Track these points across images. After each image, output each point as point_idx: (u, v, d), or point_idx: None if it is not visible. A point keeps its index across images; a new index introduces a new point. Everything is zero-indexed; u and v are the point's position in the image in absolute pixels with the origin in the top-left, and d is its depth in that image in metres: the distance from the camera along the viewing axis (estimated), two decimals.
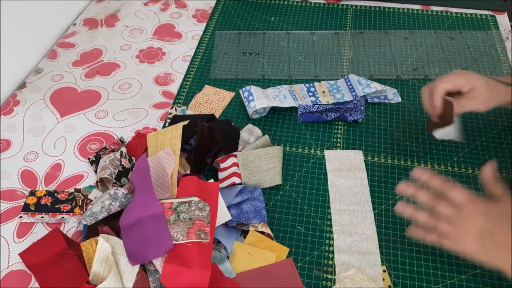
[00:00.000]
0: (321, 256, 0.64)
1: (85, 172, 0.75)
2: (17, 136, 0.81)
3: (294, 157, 0.77)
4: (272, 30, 1.02)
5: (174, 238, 0.57)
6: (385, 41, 0.98)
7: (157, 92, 0.89)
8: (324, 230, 0.67)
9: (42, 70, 0.94)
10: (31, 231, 0.68)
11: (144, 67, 0.94)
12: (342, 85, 0.86)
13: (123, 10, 1.09)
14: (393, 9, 1.07)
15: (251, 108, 0.80)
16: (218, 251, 0.63)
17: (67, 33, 1.02)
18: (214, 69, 0.93)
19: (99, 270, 0.58)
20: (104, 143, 0.79)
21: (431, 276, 0.62)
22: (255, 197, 0.67)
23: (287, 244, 0.65)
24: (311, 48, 0.97)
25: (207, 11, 1.08)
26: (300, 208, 0.70)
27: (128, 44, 1.00)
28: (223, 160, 0.71)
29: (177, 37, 1.01)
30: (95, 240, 0.59)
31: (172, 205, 0.60)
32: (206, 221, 0.59)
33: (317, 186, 0.73)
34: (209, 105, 0.85)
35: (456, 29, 1.00)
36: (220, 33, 1.01)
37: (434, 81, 0.67)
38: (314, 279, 0.62)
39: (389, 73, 0.90)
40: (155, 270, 0.58)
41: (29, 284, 0.62)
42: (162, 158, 0.67)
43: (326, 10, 1.07)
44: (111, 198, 0.63)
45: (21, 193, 0.72)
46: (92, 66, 0.94)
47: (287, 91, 0.84)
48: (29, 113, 0.85)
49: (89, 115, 0.84)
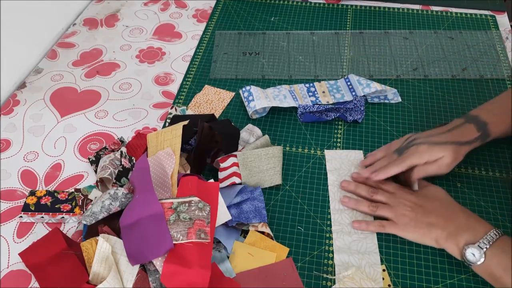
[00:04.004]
0: (321, 256, 0.64)
1: (85, 172, 0.75)
2: (17, 136, 0.81)
3: (294, 157, 0.77)
4: (272, 30, 1.02)
5: (174, 238, 0.57)
6: (385, 41, 0.98)
7: (157, 92, 0.89)
8: (324, 230, 0.67)
9: (42, 70, 0.94)
10: (31, 231, 0.68)
11: (144, 67, 0.94)
12: (342, 85, 0.86)
13: (123, 10, 1.09)
14: (393, 9, 1.07)
15: (251, 108, 0.80)
16: (218, 251, 0.63)
17: (67, 33, 1.02)
18: (214, 69, 0.93)
19: (99, 270, 0.58)
20: (104, 143, 0.79)
21: (431, 276, 0.62)
22: (255, 197, 0.67)
23: (287, 244, 0.65)
24: (311, 48, 0.97)
25: (207, 11, 1.08)
26: (300, 208, 0.70)
27: (128, 44, 1.00)
28: (223, 160, 0.71)
29: (177, 37, 1.01)
30: (95, 240, 0.59)
31: (172, 205, 0.60)
32: (206, 221, 0.59)
33: (317, 186, 0.73)
34: (209, 105, 0.85)
35: (456, 29, 1.00)
36: (220, 33, 1.01)
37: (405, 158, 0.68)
38: (314, 279, 0.62)
39: (389, 73, 0.91)
40: (155, 270, 0.58)
41: (29, 284, 0.62)
42: (162, 158, 0.67)
43: (326, 10, 1.07)
44: (111, 198, 0.63)
45: (21, 193, 0.72)
46: (92, 66, 0.94)
47: (287, 91, 0.84)
48: (29, 113, 0.85)
49: (89, 115, 0.84)
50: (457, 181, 0.73)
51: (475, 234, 0.59)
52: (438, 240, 0.62)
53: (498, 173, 0.74)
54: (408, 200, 0.66)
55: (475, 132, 0.69)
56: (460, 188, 0.72)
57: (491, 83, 0.88)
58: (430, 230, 0.62)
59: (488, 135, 0.70)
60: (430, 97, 0.86)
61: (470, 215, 0.63)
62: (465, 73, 0.90)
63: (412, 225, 0.63)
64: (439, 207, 0.64)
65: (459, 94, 0.86)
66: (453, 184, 0.72)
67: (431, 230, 0.62)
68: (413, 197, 0.66)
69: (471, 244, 0.59)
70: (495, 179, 0.73)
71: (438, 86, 0.88)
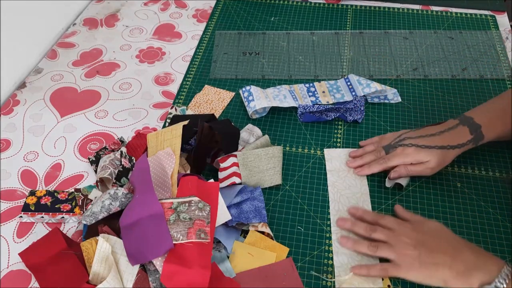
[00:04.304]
0: (321, 256, 0.64)
1: (85, 172, 0.75)
2: (17, 136, 0.81)
3: (294, 157, 0.77)
4: (272, 30, 1.02)
5: (174, 238, 0.57)
6: (385, 41, 0.98)
7: (157, 92, 0.89)
8: (324, 230, 0.67)
9: (42, 70, 0.94)
10: (31, 231, 0.68)
11: (144, 67, 0.94)
12: (342, 85, 0.86)
13: (123, 10, 1.09)
14: (393, 9, 1.07)
15: (251, 108, 0.80)
16: (218, 251, 0.63)
17: (67, 33, 1.02)
18: (214, 69, 0.93)
19: (99, 270, 0.58)
20: (104, 143, 0.79)
21: None
22: (255, 197, 0.67)
23: (287, 244, 0.65)
24: (311, 48, 0.97)
25: (207, 11, 1.08)
26: (300, 208, 0.70)
27: (128, 44, 1.00)
28: (223, 160, 0.71)
29: (177, 37, 1.01)
30: (95, 240, 0.59)
31: (172, 205, 0.60)
32: (206, 221, 0.59)
33: (317, 186, 0.73)
34: (209, 105, 0.85)
35: (456, 29, 1.00)
36: (220, 33, 1.01)
37: (390, 158, 0.70)
38: (314, 279, 0.62)
39: (389, 73, 0.91)
40: (155, 270, 0.58)
41: (29, 284, 0.62)
42: (162, 158, 0.67)
43: (326, 10, 1.07)
44: (111, 198, 0.63)
45: (21, 193, 0.72)
46: (92, 66, 0.94)
47: (287, 91, 0.84)
48: (29, 113, 0.85)
49: (89, 115, 0.84)
50: (457, 181, 0.73)
51: (489, 273, 0.55)
52: (447, 281, 0.57)
53: (498, 173, 0.74)
54: (409, 237, 0.60)
55: (468, 135, 0.68)
56: (460, 188, 0.72)
57: (491, 83, 0.88)
58: (437, 270, 0.57)
59: (481, 138, 0.69)
60: (430, 97, 0.86)
61: (477, 251, 0.59)
62: (465, 73, 0.90)
63: (416, 265, 0.58)
64: (443, 244, 0.59)
65: (459, 94, 0.86)
66: (453, 184, 0.72)
67: (438, 270, 0.57)
68: (414, 233, 0.61)
69: (487, 285, 0.54)
70: (495, 179, 0.73)
71: (438, 86, 0.88)
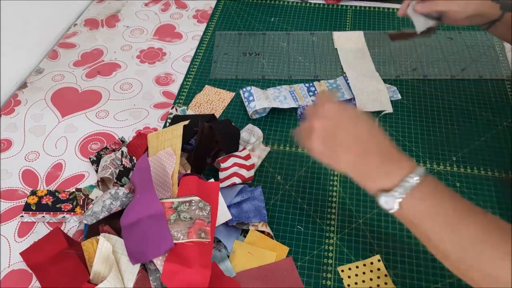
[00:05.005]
0: (321, 256, 0.65)
1: (86, 172, 0.75)
2: (18, 136, 0.81)
3: (294, 157, 0.77)
4: (272, 31, 1.02)
5: (174, 237, 0.57)
6: (385, 41, 0.98)
7: (157, 92, 0.89)
8: (324, 229, 0.67)
9: (43, 70, 0.94)
10: (32, 230, 0.68)
11: (145, 67, 0.94)
12: (342, 84, 0.86)
13: (124, 10, 1.09)
14: (392, 9, 1.07)
15: (251, 108, 0.80)
16: (218, 250, 0.63)
17: (68, 33, 1.03)
18: (214, 69, 0.93)
19: (100, 269, 0.58)
20: (105, 143, 0.80)
21: (431, 275, 0.62)
22: (255, 196, 0.68)
23: (287, 243, 0.66)
24: (311, 48, 0.97)
25: (207, 12, 1.08)
26: (300, 207, 0.70)
27: (128, 45, 1.00)
28: (223, 160, 0.71)
29: (178, 38, 1.02)
30: (96, 240, 0.60)
31: (172, 204, 0.60)
32: (206, 220, 0.59)
33: (317, 185, 0.73)
34: (210, 105, 0.85)
35: (455, 29, 1.01)
36: (220, 34, 1.01)
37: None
38: (314, 278, 0.62)
39: (388, 73, 0.91)
40: (155, 269, 0.58)
41: (30, 283, 0.62)
42: (163, 158, 0.68)
43: (325, 11, 1.07)
44: (112, 197, 0.63)
45: (22, 192, 0.72)
46: (93, 66, 0.95)
47: (287, 91, 0.84)
48: (30, 113, 0.85)
49: (90, 115, 0.85)
50: (456, 181, 0.73)
51: (390, 181, 0.49)
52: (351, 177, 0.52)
53: (498, 173, 0.74)
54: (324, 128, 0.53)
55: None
56: (460, 188, 0.72)
57: (490, 83, 0.88)
58: (339, 165, 0.53)
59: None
60: (430, 97, 0.86)
61: (386, 155, 0.51)
62: (464, 73, 0.90)
63: (320, 154, 0.53)
64: (352, 141, 0.52)
65: (458, 94, 0.86)
66: (453, 184, 0.72)
67: (340, 165, 0.53)
68: (330, 122, 0.53)
69: (384, 193, 0.49)
70: (495, 179, 0.73)
71: (438, 86, 0.88)
